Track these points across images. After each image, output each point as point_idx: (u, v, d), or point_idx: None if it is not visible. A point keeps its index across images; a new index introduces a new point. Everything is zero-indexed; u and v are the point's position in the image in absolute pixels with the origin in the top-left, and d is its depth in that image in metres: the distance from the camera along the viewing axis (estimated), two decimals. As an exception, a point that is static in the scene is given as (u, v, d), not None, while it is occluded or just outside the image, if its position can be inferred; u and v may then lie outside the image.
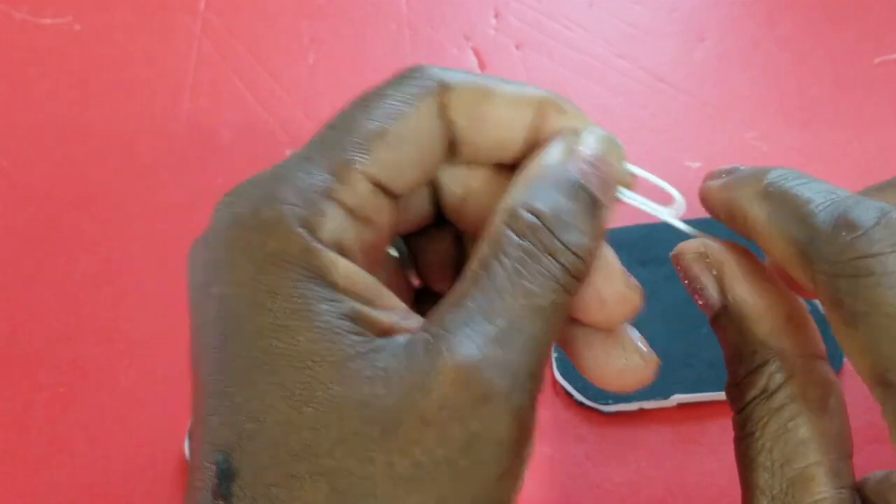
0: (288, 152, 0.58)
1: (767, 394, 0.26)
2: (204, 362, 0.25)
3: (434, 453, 0.23)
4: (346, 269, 0.25)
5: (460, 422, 0.23)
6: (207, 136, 0.59)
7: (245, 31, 0.64)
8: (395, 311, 0.25)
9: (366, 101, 0.27)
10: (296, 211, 0.25)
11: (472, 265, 0.25)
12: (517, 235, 0.25)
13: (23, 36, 0.64)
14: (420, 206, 0.30)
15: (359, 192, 0.26)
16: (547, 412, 0.47)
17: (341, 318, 0.24)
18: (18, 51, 0.63)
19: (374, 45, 0.63)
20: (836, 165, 0.56)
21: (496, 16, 0.64)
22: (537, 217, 0.25)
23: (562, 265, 0.25)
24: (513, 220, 0.25)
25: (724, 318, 0.28)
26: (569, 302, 0.26)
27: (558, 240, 0.25)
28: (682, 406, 0.46)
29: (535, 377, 0.24)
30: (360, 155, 0.26)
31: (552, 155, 0.27)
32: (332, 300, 0.24)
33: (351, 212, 0.26)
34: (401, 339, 0.24)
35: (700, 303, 0.29)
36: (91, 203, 0.56)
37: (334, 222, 0.25)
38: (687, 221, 0.51)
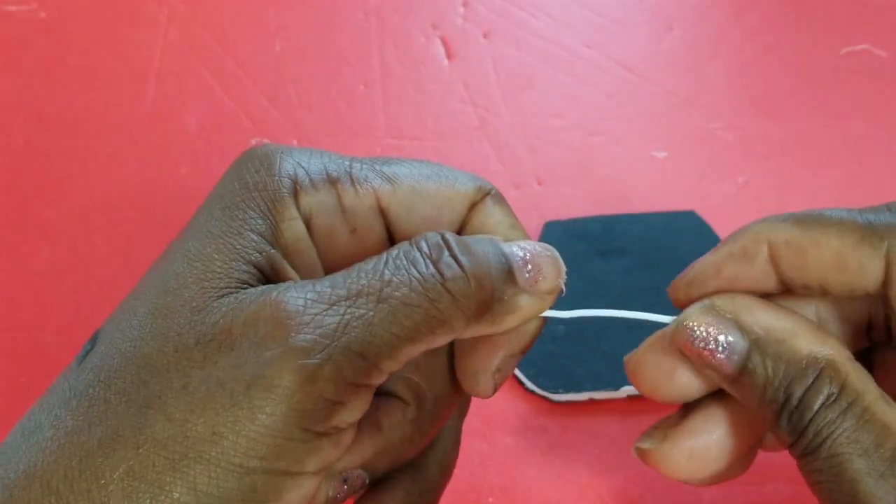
0: (253, 141, 0.58)
1: (835, 396, 0.25)
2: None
3: (222, 380, 0.23)
4: (298, 233, 0.27)
5: (254, 352, 0.23)
6: (173, 124, 0.59)
7: (211, 19, 0.63)
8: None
9: (419, 163, 0.29)
10: (296, 171, 0.27)
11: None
12: (413, 244, 0.26)
13: (-13, 23, 0.63)
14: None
15: (362, 201, 0.28)
16: (505, 403, 0.47)
17: (258, 254, 0.26)
18: (-18, 38, 0.63)
19: (341, 33, 0.63)
20: (802, 156, 0.56)
21: (464, 4, 0.64)
22: (442, 240, 0.26)
23: (439, 273, 0.25)
24: (420, 236, 0.26)
25: (756, 357, 0.27)
26: (434, 317, 0.25)
27: (451, 253, 0.26)
28: (632, 398, 0.46)
29: (352, 356, 0.24)
30: (389, 181, 0.28)
31: (495, 230, 0.29)
32: (265, 239, 0.26)
33: (341, 209, 0.27)
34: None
35: (720, 356, 0.27)
36: (54, 191, 0.56)
37: (318, 200, 0.27)
38: (665, 213, 0.51)
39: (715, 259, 0.29)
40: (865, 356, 0.30)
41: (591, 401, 0.47)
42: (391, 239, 0.28)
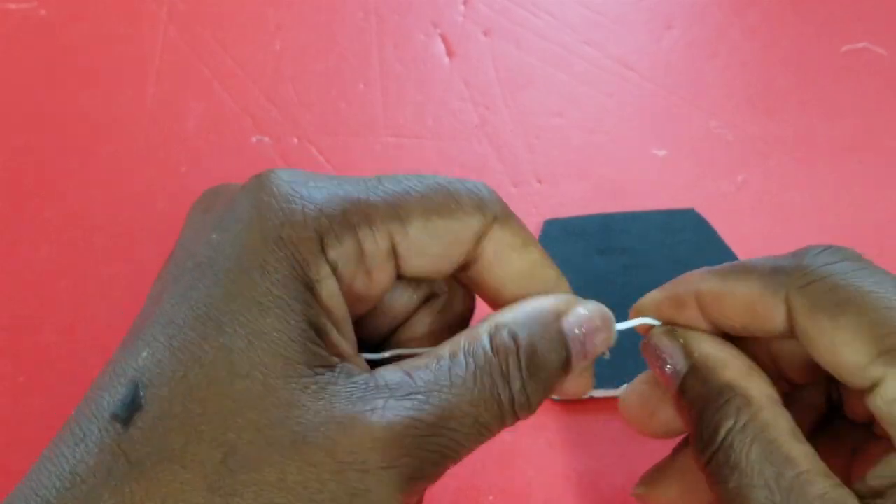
0: (253, 140, 0.58)
1: (742, 423, 0.27)
2: (169, 290, 0.26)
3: (324, 484, 0.24)
4: (332, 290, 0.26)
5: (359, 472, 0.24)
6: (172, 123, 0.59)
7: (211, 18, 0.63)
8: (349, 340, 0.27)
9: (427, 187, 0.29)
10: (320, 221, 0.26)
11: (443, 348, 0.27)
12: (491, 347, 0.27)
13: (-14, 21, 0.63)
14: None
15: (379, 245, 0.27)
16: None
17: (308, 324, 0.25)
18: (-18, 36, 0.63)
19: (341, 32, 0.63)
20: (802, 154, 0.56)
21: (464, 3, 0.64)
22: (514, 341, 0.27)
23: (511, 398, 0.27)
24: (494, 332, 0.27)
25: (690, 380, 0.29)
26: (498, 429, 0.27)
27: (521, 378, 0.27)
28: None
29: (430, 475, 0.26)
30: (401, 219, 0.28)
31: (555, 302, 0.29)
32: (309, 305, 0.25)
33: (362, 256, 0.27)
34: (347, 367, 0.26)
35: (668, 373, 0.30)
36: (53, 190, 0.56)
37: (343, 252, 0.27)
38: (664, 211, 0.51)
39: (655, 299, 0.32)
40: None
41: (592, 399, 0.47)
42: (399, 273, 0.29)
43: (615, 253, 0.48)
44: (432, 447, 0.25)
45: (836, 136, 0.57)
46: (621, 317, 0.48)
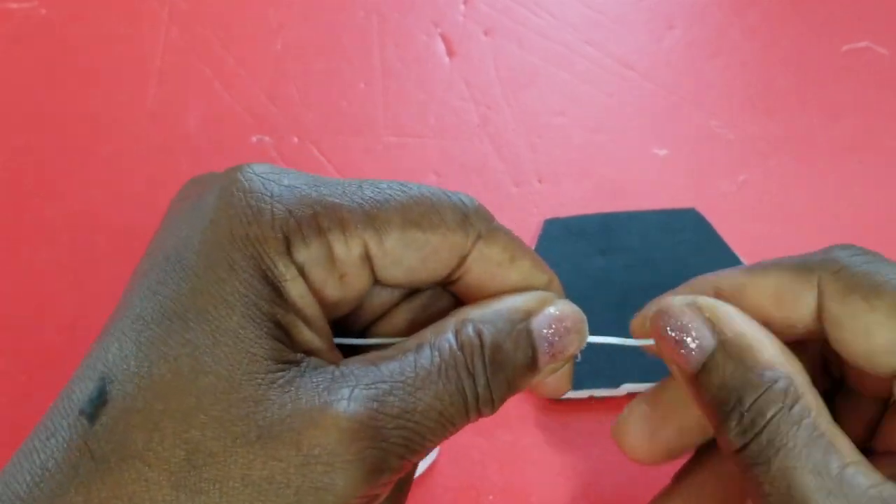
0: (254, 139, 0.58)
1: (789, 405, 0.26)
2: (139, 284, 0.26)
3: (290, 478, 0.24)
4: (301, 290, 0.26)
5: (324, 466, 0.24)
6: (173, 122, 0.59)
7: (212, 17, 0.63)
8: (321, 337, 0.27)
9: (408, 197, 0.28)
10: (287, 222, 0.26)
11: (410, 341, 0.27)
12: (457, 341, 0.27)
13: (-13, 21, 0.63)
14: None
15: (351, 252, 0.27)
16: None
17: (274, 322, 0.25)
18: (-17, 36, 0.63)
19: (342, 31, 0.63)
20: (802, 153, 0.56)
21: (465, 2, 0.64)
22: (479, 337, 0.27)
23: (475, 393, 0.27)
24: (461, 326, 0.27)
25: (720, 358, 0.28)
26: (462, 423, 0.27)
27: (486, 375, 0.27)
28: (631, 395, 0.46)
29: (394, 467, 0.25)
30: (376, 228, 0.27)
31: (526, 300, 0.29)
32: (275, 303, 0.25)
33: (331, 260, 0.27)
34: (314, 361, 0.26)
35: (688, 350, 0.28)
36: (54, 189, 0.56)
37: (310, 255, 0.26)
38: (665, 211, 0.51)
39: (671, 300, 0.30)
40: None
41: (592, 398, 0.47)
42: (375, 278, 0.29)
43: (615, 252, 0.48)
44: (397, 439, 0.25)
45: (836, 136, 0.57)
46: (622, 315, 0.48)
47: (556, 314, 0.28)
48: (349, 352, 0.28)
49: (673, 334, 0.28)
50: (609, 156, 0.57)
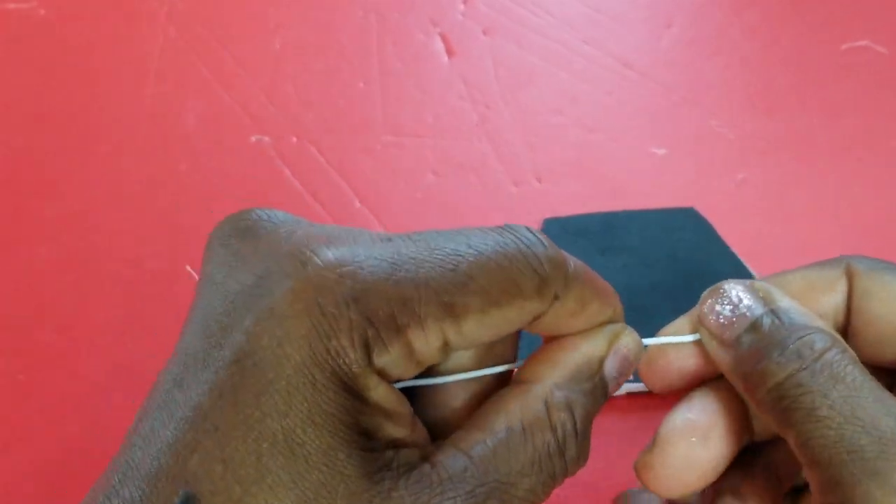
0: (253, 139, 0.58)
1: (841, 348, 0.27)
2: (200, 377, 0.25)
3: None
4: (383, 393, 0.25)
5: None
6: (172, 121, 0.59)
7: (211, 17, 0.63)
8: (404, 420, 0.26)
9: (485, 273, 0.27)
10: (367, 331, 0.25)
11: (497, 420, 0.26)
12: (550, 426, 0.26)
13: (-14, 20, 0.63)
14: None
15: (430, 344, 0.26)
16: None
17: (360, 433, 0.25)
18: (-19, 36, 0.63)
19: (341, 31, 0.63)
20: (801, 153, 0.56)
21: (464, 1, 0.64)
22: (571, 413, 0.27)
23: (565, 469, 0.26)
24: (550, 402, 0.27)
25: (768, 318, 0.28)
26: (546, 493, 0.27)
27: (576, 446, 0.27)
28: (632, 395, 0.46)
29: None
30: (455, 316, 0.26)
31: (597, 347, 0.29)
32: (360, 413, 0.25)
33: (411, 356, 0.26)
34: (403, 456, 0.25)
35: (734, 315, 0.29)
36: (53, 190, 0.56)
37: (391, 359, 0.25)
38: (664, 210, 0.51)
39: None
40: None
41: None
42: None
43: (615, 252, 0.48)
44: None
45: (835, 135, 0.57)
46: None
47: (623, 353, 0.29)
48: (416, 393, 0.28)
49: (728, 306, 0.29)
50: (608, 155, 0.56)
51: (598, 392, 0.28)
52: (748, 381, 0.28)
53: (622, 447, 0.46)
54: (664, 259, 0.49)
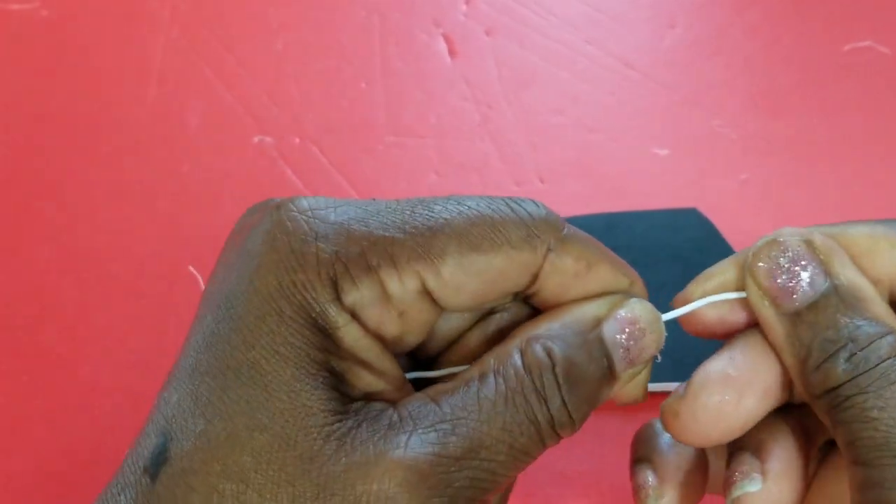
0: (255, 139, 0.58)
1: (891, 354, 0.25)
2: (197, 332, 0.26)
3: None
4: (355, 335, 0.25)
5: None
6: (174, 122, 0.59)
7: (213, 17, 0.63)
8: (385, 377, 0.26)
9: (464, 219, 0.26)
10: (334, 266, 0.25)
11: (472, 370, 0.25)
12: (523, 364, 0.25)
13: (-12, 21, 0.63)
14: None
15: (406, 287, 0.26)
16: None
17: (329, 371, 0.24)
18: (-16, 36, 0.63)
19: (343, 31, 0.63)
20: (804, 153, 0.56)
21: (466, 2, 0.64)
22: (549, 356, 0.25)
23: (550, 418, 0.25)
24: (526, 346, 0.25)
25: (832, 301, 0.26)
26: (538, 452, 0.25)
27: (560, 395, 0.25)
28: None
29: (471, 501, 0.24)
30: (430, 259, 0.25)
31: (595, 306, 0.27)
32: (329, 352, 0.25)
33: (386, 298, 0.25)
34: (375, 406, 0.25)
35: (796, 286, 0.27)
36: (55, 190, 0.56)
37: (361, 296, 0.25)
38: (666, 210, 0.51)
39: (724, 274, 0.29)
40: None
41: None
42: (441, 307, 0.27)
43: (617, 252, 0.47)
44: (463, 481, 0.24)
45: (838, 136, 0.57)
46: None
47: (627, 316, 0.27)
48: (426, 385, 0.26)
49: (786, 265, 0.27)
50: (610, 155, 0.56)
51: (592, 350, 0.26)
52: (804, 370, 0.26)
53: (621, 447, 0.46)
54: (666, 259, 0.49)
